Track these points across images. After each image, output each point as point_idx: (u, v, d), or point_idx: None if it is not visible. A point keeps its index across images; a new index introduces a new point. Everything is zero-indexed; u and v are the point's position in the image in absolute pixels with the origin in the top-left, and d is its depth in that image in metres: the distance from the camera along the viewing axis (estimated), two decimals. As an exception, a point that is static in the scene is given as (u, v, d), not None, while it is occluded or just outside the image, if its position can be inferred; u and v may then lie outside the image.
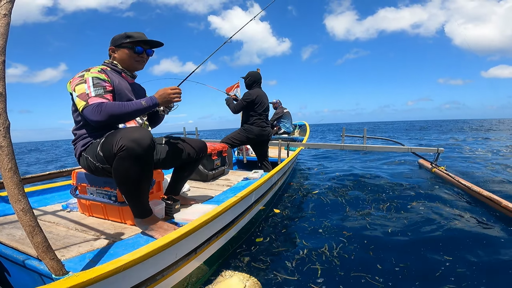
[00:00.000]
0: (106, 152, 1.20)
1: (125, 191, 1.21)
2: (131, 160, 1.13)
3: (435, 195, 2.94)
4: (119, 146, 1.13)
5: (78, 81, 1.31)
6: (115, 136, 1.17)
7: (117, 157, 1.14)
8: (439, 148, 3.20)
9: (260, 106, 3.12)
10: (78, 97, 1.26)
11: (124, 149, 1.12)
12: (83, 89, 1.28)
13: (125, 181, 1.18)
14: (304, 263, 1.57)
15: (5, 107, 0.73)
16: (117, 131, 1.21)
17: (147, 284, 1.03)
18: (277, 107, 6.31)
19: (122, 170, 1.15)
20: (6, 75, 0.74)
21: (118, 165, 1.15)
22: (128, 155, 1.12)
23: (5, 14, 0.73)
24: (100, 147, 1.25)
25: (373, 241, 1.82)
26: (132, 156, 1.12)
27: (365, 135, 3.55)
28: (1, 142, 0.73)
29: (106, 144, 1.21)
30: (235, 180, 2.59)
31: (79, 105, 1.26)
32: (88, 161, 1.34)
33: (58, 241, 1.19)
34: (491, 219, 2.16)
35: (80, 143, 1.39)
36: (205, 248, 1.40)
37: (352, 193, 3.10)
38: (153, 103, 1.33)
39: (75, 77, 1.33)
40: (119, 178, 1.18)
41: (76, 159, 1.44)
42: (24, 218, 0.75)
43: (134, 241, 1.23)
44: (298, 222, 2.23)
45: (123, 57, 1.49)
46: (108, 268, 0.82)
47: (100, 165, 1.29)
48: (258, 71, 3.26)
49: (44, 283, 0.95)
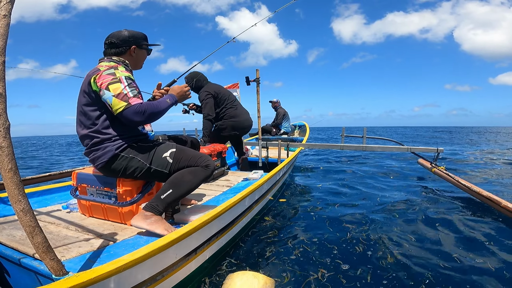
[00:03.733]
0: (182, 160, 1.38)
1: (177, 192, 1.33)
2: (204, 176, 1.39)
3: (435, 195, 2.94)
4: (206, 163, 1.39)
5: (111, 80, 1.23)
6: (201, 155, 1.42)
7: (199, 168, 1.38)
8: (438, 148, 3.20)
9: (222, 98, 2.95)
10: (115, 97, 1.21)
11: (209, 167, 1.40)
12: (119, 88, 1.22)
13: (186, 186, 1.34)
14: (305, 261, 1.57)
15: (5, 107, 0.73)
16: (197, 152, 1.45)
17: (147, 284, 1.03)
18: (278, 107, 6.30)
19: (193, 178, 1.36)
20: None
21: (192, 174, 1.36)
22: (206, 172, 1.39)
23: (5, 15, 0.73)
24: (171, 154, 1.38)
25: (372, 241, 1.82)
26: (207, 175, 1.40)
27: (364, 135, 3.55)
28: (1, 143, 0.73)
29: (186, 155, 1.39)
30: (235, 180, 2.59)
31: (117, 106, 1.20)
32: (132, 160, 1.33)
33: (58, 241, 1.19)
34: (491, 219, 2.16)
35: (112, 145, 1.31)
36: (205, 248, 1.40)
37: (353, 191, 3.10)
38: (174, 101, 1.43)
39: (102, 74, 1.25)
40: (184, 182, 1.34)
41: (99, 161, 1.33)
42: (24, 218, 0.75)
43: (134, 241, 1.24)
44: (298, 221, 2.23)
45: (140, 58, 1.49)
46: (108, 268, 0.83)
47: (153, 167, 1.35)
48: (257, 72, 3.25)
49: (45, 283, 0.96)
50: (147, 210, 1.30)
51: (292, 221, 2.25)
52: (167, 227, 1.27)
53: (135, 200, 1.38)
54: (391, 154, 6.25)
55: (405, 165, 4.85)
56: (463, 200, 2.69)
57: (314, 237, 1.90)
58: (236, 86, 4.06)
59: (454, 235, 1.89)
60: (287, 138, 5.84)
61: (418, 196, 2.89)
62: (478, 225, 2.06)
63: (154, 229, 1.25)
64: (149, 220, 1.27)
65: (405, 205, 2.57)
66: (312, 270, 1.49)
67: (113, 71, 1.26)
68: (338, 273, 1.46)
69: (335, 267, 1.51)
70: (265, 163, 3.47)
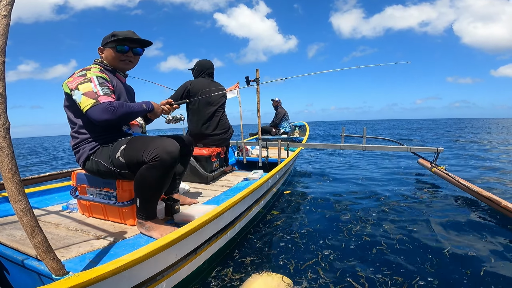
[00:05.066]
0: (131, 158, 1.23)
1: (145, 196, 1.25)
2: (162, 169, 1.19)
3: (435, 195, 2.94)
4: (152, 156, 1.17)
5: (81, 80, 1.25)
6: (147, 145, 1.20)
7: (148, 165, 1.18)
8: (438, 148, 3.20)
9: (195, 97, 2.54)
10: (84, 95, 1.20)
11: (157, 159, 1.17)
12: (89, 87, 1.22)
13: (149, 188, 1.22)
14: (307, 259, 1.57)
15: (5, 107, 0.74)
16: (145, 139, 1.25)
17: (147, 284, 1.03)
18: (278, 106, 6.30)
19: (150, 178, 1.20)
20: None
21: (147, 172, 1.19)
22: (160, 165, 1.18)
23: (4, 15, 0.73)
24: (121, 153, 1.27)
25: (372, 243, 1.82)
26: (164, 166, 1.19)
27: (364, 135, 3.55)
28: (1, 143, 0.73)
29: (133, 151, 1.24)
30: (235, 180, 2.59)
31: (85, 104, 1.20)
32: (99, 164, 1.33)
33: (58, 241, 1.20)
34: (491, 219, 2.16)
35: (87, 147, 1.35)
36: (205, 248, 1.40)
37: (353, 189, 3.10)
38: (149, 108, 1.41)
39: (74, 77, 1.28)
40: (144, 184, 1.22)
41: (80, 162, 1.39)
42: (24, 218, 0.75)
43: (134, 241, 1.24)
44: (299, 220, 2.23)
45: (108, 57, 1.45)
46: (108, 268, 0.83)
47: (117, 170, 1.30)
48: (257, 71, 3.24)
49: (44, 283, 0.96)
50: (138, 218, 1.32)
51: (293, 221, 2.25)
52: (161, 231, 1.26)
53: (134, 200, 1.38)
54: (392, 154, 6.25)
55: (405, 165, 4.85)
56: (463, 200, 2.69)
57: (315, 236, 1.90)
58: (236, 86, 4.06)
59: (453, 235, 1.89)
60: (287, 138, 5.84)
61: (418, 196, 2.89)
62: (478, 225, 2.06)
63: (151, 235, 1.27)
64: (145, 227, 1.30)
65: (405, 206, 2.57)
66: (315, 268, 1.49)
67: (85, 72, 1.30)
68: (341, 274, 1.46)
69: (336, 267, 1.51)
70: (265, 163, 3.47)
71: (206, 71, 2.73)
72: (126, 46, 1.43)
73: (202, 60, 2.79)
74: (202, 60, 2.79)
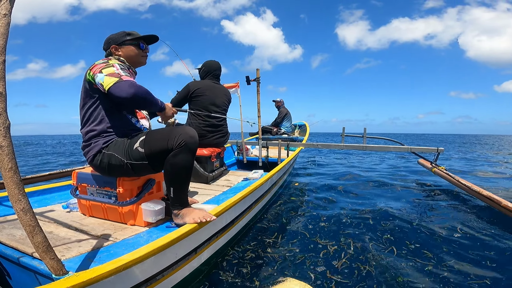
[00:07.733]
0: (154, 147, 1.29)
1: (179, 182, 1.32)
2: (189, 153, 1.29)
3: (435, 195, 2.94)
4: (179, 142, 1.26)
5: (104, 65, 1.29)
6: (170, 133, 1.29)
7: (177, 151, 1.26)
8: (438, 148, 3.20)
9: (199, 100, 2.49)
10: (107, 76, 1.23)
11: (183, 144, 1.26)
12: (112, 70, 1.27)
13: (180, 173, 1.30)
14: (308, 258, 1.57)
15: (5, 106, 0.73)
16: (164, 130, 1.33)
17: (147, 284, 1.03)
18: (281, 106, 6.29)
19: (180, 162, 1.28)
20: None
21: (176, 159, 1.27)
22: (187, 149, 1.27)
23: (5, 14, 0.73)
24: (140, 143, 1.32)
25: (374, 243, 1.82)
26: (191, 149, 1.29)
27: (365, 135, 3.55)
28: (1, 142, 0.73)
29: (156, 140, 1.30)
30: (235, 180, 2.59)
31: (108, 82, 1.22)
32: (111, 157, 1.34)
33: (58, 241, 1.19)
34: (491, 219, 2.16)
35: (101, 140, 1.37)
36: (205, 248, 1.40)
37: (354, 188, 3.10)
38: (160, 107, 1.44)
39: (96, 65, 1.32)
40: (176, 170, 1.28)
41: (88, 156, 1.39)
42: (24, 218, 0.75)
43: (134, 241, 1.24)
44: (299, 221, 2.23)
45: (129, 54, 1.50)
46: (108, 268, 0.83)
47: (130, 162, 1.32)
48: (257, 71, 3.24)
49: (44, 283, 0.96)
50: (173, 209, 1.36)
51: (293, 220, 2.25)
52: (194, 215, 1.29)
53: (135, 200, 1.38)
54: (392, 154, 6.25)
55: (405, 165, 4.85)
56: (463, 200, 2.69)
57: (315, 236, 1.90)
58: (236, 86, 4.06)
59: (453, 235, 1.89)
60: (287, 137, 5.83)
61: (418, 196, 2.89)
62: (478, 224, 2.06)
63: (184, 221, 1.29)
64: (179, 216, 1.34)
65: (405, 205, 2.57)
66: (314, 268, 1.49)
67: (107, 60, 1.35)
68: (344, 276, 1.46)
69: (337, 267, 1.51)
70: (265, 162, 3.47)
71: (213, 73, 2.68)
72: (143, 44, 1.53)
73: (210, 61, 2.72)
74: (210, 61, 2.72)
